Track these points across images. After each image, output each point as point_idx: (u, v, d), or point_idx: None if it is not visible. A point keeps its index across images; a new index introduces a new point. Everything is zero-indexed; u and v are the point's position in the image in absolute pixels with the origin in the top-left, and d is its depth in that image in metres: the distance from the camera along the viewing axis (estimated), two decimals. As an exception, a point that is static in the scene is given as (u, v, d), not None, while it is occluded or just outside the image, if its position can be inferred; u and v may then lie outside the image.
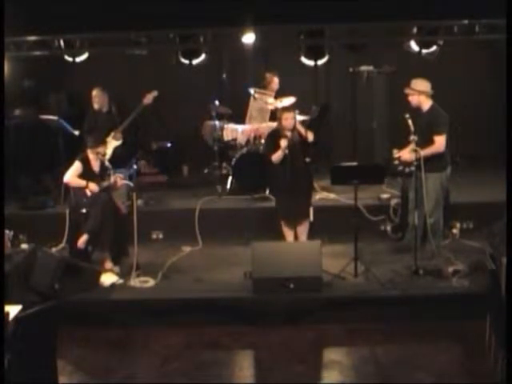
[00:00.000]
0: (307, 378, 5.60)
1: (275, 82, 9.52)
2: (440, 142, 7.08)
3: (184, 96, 10.56)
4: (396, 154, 7.31)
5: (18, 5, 7.49)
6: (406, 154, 7.19)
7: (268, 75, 9.55)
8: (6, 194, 6.14)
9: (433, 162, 6.99)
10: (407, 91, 7.25)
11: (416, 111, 7.23)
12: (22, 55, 9.24)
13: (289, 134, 7.26)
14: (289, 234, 7.51)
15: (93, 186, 7.35)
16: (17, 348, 4.42)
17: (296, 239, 7.41)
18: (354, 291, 6.71)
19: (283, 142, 7.16)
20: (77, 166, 7.44)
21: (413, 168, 7.14)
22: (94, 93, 9.21)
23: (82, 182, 7.37)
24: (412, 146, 7.08)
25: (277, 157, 7.29)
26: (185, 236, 8.20)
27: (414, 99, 7.23)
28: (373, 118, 10.37)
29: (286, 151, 7.16)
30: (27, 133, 10.00)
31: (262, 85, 9.52)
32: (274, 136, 7.50)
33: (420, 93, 7.19)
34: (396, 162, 7.33)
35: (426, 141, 7.05)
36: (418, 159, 6.95)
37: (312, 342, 6.21)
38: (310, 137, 7.39)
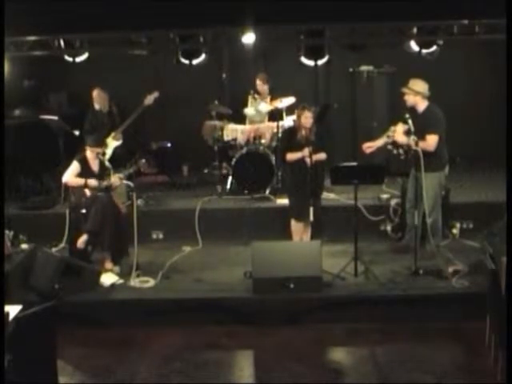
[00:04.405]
0: (307, 378, 5.60)
1: (259, 83, 9.55)
2: (431, 141, 7.05)
3: (184, 96, 10.56)
4: (393, 130, 7.26)
5: (18, 5, 7.49)
6: (400, 135, 7.16)
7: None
8: (6, 194, 6.14)
9: (431, 162, 6.99)
10: (404, 90, 7.26)
11: (412, 111, 7.22)
12: (22, 55, 9.24)
13: (304, 132, 7.27)
14: (297, 233, 7.49)
15: (92, 182, 7.34)
16: (17, 348, 4.42)
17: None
18: (354, 291, 6.71)
19: (306, 151, 7.15)
20: (75, 166, 7.44)
21: (401, 150, 7.17)
22: (95, 93, 9.21)
23: (81, 181, 7.37)
24: (401, 126, 7.10)
25: (293, 157, 7.28)
26: (185, 236, 8.20)
27: (409, 99, 7.24)
28: (373, 118, 10.36)
29: (307, 159, 7.16)
30: (27, 133, 10.00)
31: (255, 89, 9.58)
32: (290, 134, 7.50)
33: (416, 93, 7.19)
34: (389, 147, 7.34)
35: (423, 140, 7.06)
36: (416, 158, 6.96)
37: (312, 342, 6.21)
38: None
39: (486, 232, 7.29)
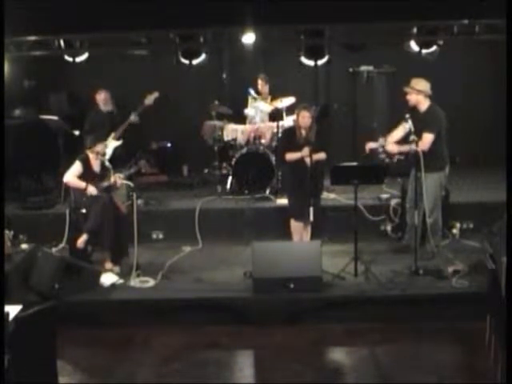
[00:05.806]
0: (307, 378, 5.60)
1: (260, 84, 9.55)
2: (425, 140, 7.05)
3: (184, 96, 10.56)
4: (389, 139, 7.27)
5: (17, 5, 7.49)
6: (390, 145, 7.18)
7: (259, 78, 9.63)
8: (6, 194, 6.14)
9: (431, 162, 6.99)
10: (406, 89, 7.25)
11: (413, 111, 7.22)
12: (22, 55, 9.25)
13: (304, 132, 7.28)
14: (297, 233, 7.49)
15: (92, 190, 7.33)
16: (17, 348, 4.42)
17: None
18: (354, 291, 6.70)
19: (305, 151, 7.16)
20: (77, 166, 7.44)
21: (395, 160, 7.21)
22: (101, 94, 9.18)
23: (82, 184, 7.35)
24: (397, 131, 7.16)
25: (292, 157, 7.28)
26: (185, 236, 8.21)
27: (412, 98, 7.24)
28: (373, 118, 10.37)
29: (307, 159, 7.16)
30: (27, 133, 10.00)
31: (256, 89, 9.58)
32: (289, 134, 7.51)
33: (419, 92, 7.18)
34: (382, 156, 7.39)
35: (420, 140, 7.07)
36: (416, 158, 6.96)
37: (312, 342, 6.21)
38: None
39: (485, 232, 7.28)
